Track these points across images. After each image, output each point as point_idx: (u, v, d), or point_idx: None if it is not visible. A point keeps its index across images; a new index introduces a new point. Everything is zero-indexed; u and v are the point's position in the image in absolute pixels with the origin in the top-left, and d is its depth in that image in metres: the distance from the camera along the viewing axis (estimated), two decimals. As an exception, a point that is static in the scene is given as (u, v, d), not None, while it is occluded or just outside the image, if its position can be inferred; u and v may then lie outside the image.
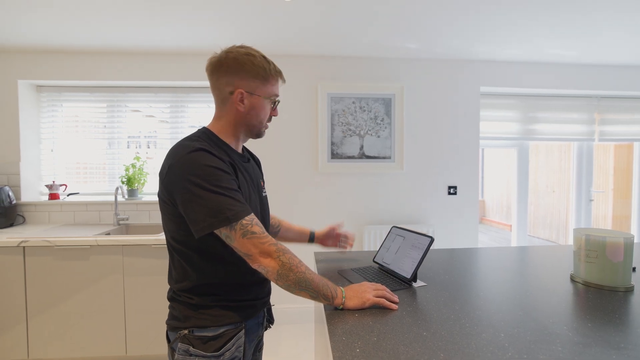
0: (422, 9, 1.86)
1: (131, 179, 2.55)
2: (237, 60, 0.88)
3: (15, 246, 1.93)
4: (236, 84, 0.88)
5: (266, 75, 0.89)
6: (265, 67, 0.89)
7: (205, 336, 0.85)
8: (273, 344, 2.30)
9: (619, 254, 1.00)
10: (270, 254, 0.80)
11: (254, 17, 1.96)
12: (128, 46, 2.37)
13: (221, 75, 0.89)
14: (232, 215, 0.77)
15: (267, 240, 0.80)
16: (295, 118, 2.59)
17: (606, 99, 2.93)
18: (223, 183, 0.79)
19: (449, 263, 1.30)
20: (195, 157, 0.80)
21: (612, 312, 0.85)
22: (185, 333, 0.85)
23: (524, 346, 0.69)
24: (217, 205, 0.77)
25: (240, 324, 0.89)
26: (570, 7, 1.83)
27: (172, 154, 0.83)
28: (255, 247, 0.79)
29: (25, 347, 1.96)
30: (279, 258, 0.80)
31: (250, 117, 0.92)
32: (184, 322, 0.86)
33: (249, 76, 0.88)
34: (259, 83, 0.89)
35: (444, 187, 2.73)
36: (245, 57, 0.88)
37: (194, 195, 0.78)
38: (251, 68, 0.88)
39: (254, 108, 0.91)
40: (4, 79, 2.44)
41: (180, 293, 0.88)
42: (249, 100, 0.90)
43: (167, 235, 0.90)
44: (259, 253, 0.79)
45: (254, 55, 0.89)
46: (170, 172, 0.82)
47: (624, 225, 4.24)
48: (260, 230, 0.81)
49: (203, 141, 0.85)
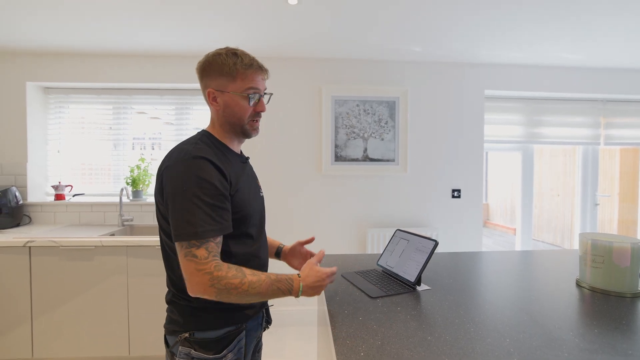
0: (427, 12, 1.87)
1: (136, 180, 2.57)
2: (207, 61, 0.89)
3: (22, 246, 1.95)
4: (208, 84, 0.90)
5: (231, 71, 0.87)
6: (228, 63, 0.87)
7: (206, 339, 0.84)
8: (276, 346, 2.30)
9: (626, 259, 0.99)
10: (203, 283, 0.75)
11: (260, 20, 1.97)
12: (134, 48, 2.40)
13: (201, 79, 0.92)
14: (192, 233, 0.76)
15: (203, 268, 0.76)
16: (299, 120, 2.60)
17: (612, 103, 2.91)
18: (207, 198, 0.78)
19: (453, 267, 1.30)
20: (191, 165, 0.79)
21: (619, 318, 0.85)
22: (186, 336, 0.84)
23: (529, 352, 0.69)
24: (189, 217, 0.76)
25: (241, 325, 0.90)
26: (576, 10, 1.82)
27: (171, 157, 0.84)
28: (190, 274, 0.76)
29: (30, 346, 1.98)
30: (214, 286, 0.76)
31: (227, 115, 0.91)
32: (184, 325, 0.85)
33: (216, 74, 0.88)
34: (226, 80, 0.88)
35: (448, 190, 2.72)
36: (212, 57, 0.88)
37: (176, 201, 0.78)
38: (216, 66, 0.88)
39: (227, 106, 0.90)
40: (13, 81, 2.47)
41: (180, 296, 0.87)
42: (221, 98, 0.89)
43: (162, 235, 0.89)
44: (192, 281, 0.76)
45: (220, 54, 0.88)
46: (165, 174, 0.83)
47: (630, 230, 4.20)
48: (204, 255, 0.76)
49: (203, 145, 0.86)
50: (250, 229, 0.92)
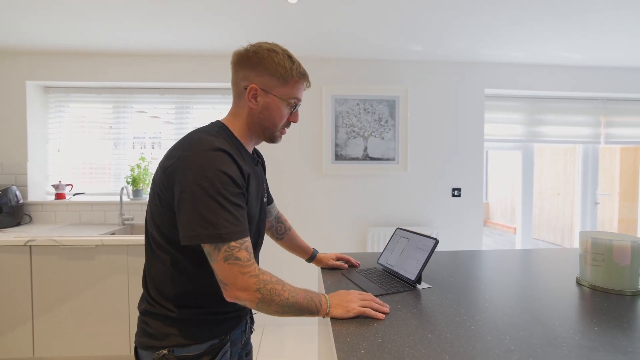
0: (427, 12, 1.86)
1: (136, 180, 2.57)
2: (257, 55, 0.81)
3: (22, 245, 1.95)
4: (252, 79, 0.82)
5: (286, 75, 0.82)
6: (286, 66, 0.81)
7: (188, 356, 0.77)
8: (276, 346, 2.30)
9: (626, 257, 0.99)
10: (249, 287, 0.70)
11: (259, 19, 1.97)
12: (134, 47, 2.40)
13: (240, 69, 0.83)
14: (226, 234, 0.69)
15: (248, 271, 0.71)
16: (299, 119, 2.59)
17: (612, 102, 2.91)
18: (230, 196, 0.71)
19: (454, 265, 1.30)
20: (214, 157, 0.72)
21: (619, 316, 0.85)
22: (165, 353, 0.76)
23: (529, 349, 0.69)
24: (213, 217, 0.69)
25: (225, 337, 0.83)
26: (576, 8, 1.82)
27: (188, 145, 0.75)
28: (234, 278, 0.70)
29: (31, 345, 1.98)
30: (259, 291, 0.71)
31: (262, 118, 0.84)
32: (161, 340, 0.77)
33: (267, 72, 0.81)
34: (277, 82, 0.82)
35: (448, 189, 2.72)
36: (267, 52, 0.81)
37: (194, 197, 0.70)
38: (270, 64, 0.81)
39: (267, 108, 0.83)
40: (13, 80, 2.47)
41: (156, 304, 0.79)
42: (263, 98, 0.82)
43: (152, 230, 0.80)
44: (236, 285, 0.70)
45: (276, 52, 0.82)
46: (179, 162, 0.73)
47: (630, 229, 4.20)
48: (246, 257, 0.71)
49: (222, 138, 0.79)
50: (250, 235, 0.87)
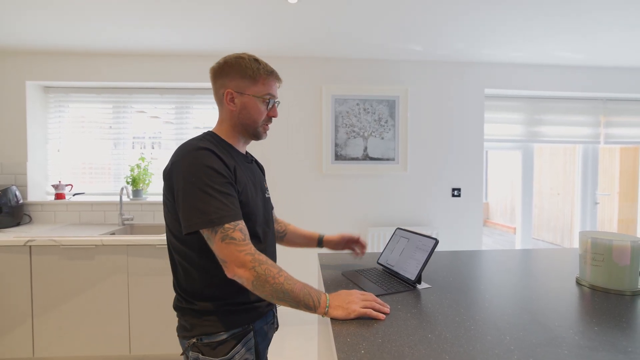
0: (427, 12, 1.86)
1: (136, 180, 2.57)
2: (227, 63, 0.92)
3: (22, 245, 1.95)
4: (227, 84, 0.92)
5: (254, 75, 0.92)
6: (253, 67, 0.91)
7: (213, 342, 0.86)
8: (276, 346, 2.30)
9: (626, 257, 0.99)
10: (245, 264, 0.77)
11: (259, 20, 1.97)
12: (134, 47, 2.39)
13: (217, 79, 0.94)
14: (217, 218, 0.78)
15: (244, 249, 0.78)
16: (299, 119, 2.60)
17: (612, 102, 2.91)
18: (217, 185, 0.81)
19: (453, 265, 1.30)
20: (197, 155, 0.82)
21: (618, 316, 0.85)
22: (194, 341, 0.87)
23: (529, 349, 0.69)
24: (204, 206, 0.78)
25: (247, 326, 0.91)
26: (575, 9, 1.82)
27: (178, 152, 0.87)
28: (230, 255, 0.78)
29: (31, 345, 1.98)
30: (254, 269, 0.77)
31: (243, 117, 0.94)
32: (190, 330, 0.88)
33: (238, 76, 0.92)
34: (248, 82, 0.92)
35: (448, 189, 2.72)
36: (234, 59, 0.92)
37: (187, 193, 0.80)
38: (239, 68, 0.91)
39: (245, 107, 0.93)
40: (13, 80, 2.47)
41: (183, 300, 0.90)
42: (240, 99, 0.92)
43: (168, 235, 0.91)
44: (234, 262, 0.78)
45: (243, 58, 0.93)
46: (173, 168, 0.85)
47: (630, 229, 4.20)
48: (241, 237, 0.79)
49: (207, 142, 0.88)
50: (257, 227, 0.93)
